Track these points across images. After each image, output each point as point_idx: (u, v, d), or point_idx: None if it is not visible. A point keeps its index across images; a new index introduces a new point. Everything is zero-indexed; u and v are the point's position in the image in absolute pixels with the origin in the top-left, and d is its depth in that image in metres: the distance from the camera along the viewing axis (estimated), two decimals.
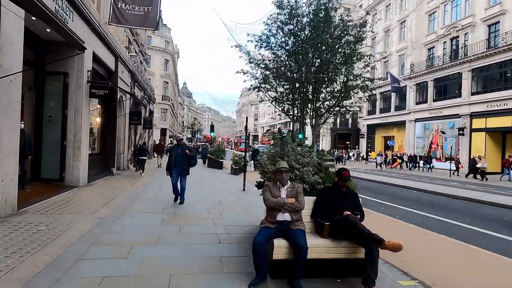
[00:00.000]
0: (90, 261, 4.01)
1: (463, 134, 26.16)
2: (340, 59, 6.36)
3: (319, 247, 3.62)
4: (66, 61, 9.71)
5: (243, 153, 25.86)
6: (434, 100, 30.55)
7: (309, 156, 4.31)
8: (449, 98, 28.71)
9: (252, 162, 21.81)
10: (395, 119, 35.89)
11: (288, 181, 3.85)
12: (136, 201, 8.26)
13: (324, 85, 6.61)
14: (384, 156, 30.02)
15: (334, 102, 6.83)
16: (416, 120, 32.51)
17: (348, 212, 3.66)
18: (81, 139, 9.87)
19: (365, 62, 6.77)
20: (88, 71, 10.28)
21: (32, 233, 4.95)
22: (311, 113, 6.33)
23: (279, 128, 38.74)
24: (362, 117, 43.27)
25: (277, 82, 7.26)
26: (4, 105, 5.81)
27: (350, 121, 49.52)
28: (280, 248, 3.56)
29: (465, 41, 27.43)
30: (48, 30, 8.74)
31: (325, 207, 3.80)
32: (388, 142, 34.80)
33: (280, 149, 4.32)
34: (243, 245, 4.92)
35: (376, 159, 29.57)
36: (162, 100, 49.65)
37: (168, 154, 8.64)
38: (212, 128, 25.65)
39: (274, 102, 7.55)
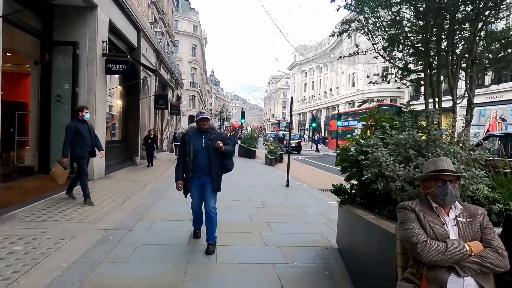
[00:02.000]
0: None
1: None
2: None
3: None
4: (76, 29, 8.08)
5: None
6: (492, 83, 26.88)
7: (475, 150, 2.25)
8: None
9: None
10: (442, 104, 32.35)
11: (457, 202, 1.83)
12: (158, 201, 6.52)
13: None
14: None
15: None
16: None
17: None
18: (95, 123, 8.23)
19: None
20: (103, 42, 8.58)
21: None
22: (468, 66, 4.05)
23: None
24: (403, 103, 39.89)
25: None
26: None
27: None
28: None
29: None
30: None
31: None
32: None
33: (411, 136, 2.26)
34: None
35: None
36: (190, 86, 48.39)
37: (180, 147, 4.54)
38: (243, 115, 23.77)
39: (390, 47, 5.32)
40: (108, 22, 8.94)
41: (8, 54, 9.19)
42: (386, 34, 5.08)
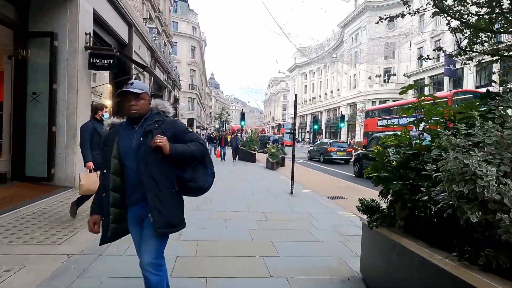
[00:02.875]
0: None
1: None
2: None
3: None
4: (55, 18, 7.22)
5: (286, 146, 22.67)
6: (502, 83, 26.03)
7: None
8: None
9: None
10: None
11: None
12: None
13: None
14: None
15: None
16: None
17: None
18: (76, 125, 7.36)
19: None
20: (86, 34, 7.71)
21: None
22: None
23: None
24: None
25: None
26: None
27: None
28: None
29: None
30: None
31: None
32: None
33: None
34: None
35: None
36: (189, 89, 47.61)
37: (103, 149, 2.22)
38: (242, 117, 22.86)
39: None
40: (92, 13, 8.07)
41: None
42: None
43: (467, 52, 4.53)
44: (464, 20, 4.16)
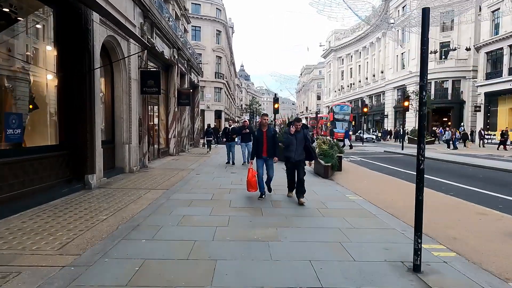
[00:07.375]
0: None
1: None
2: None
3: None
4: None
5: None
6: None
7: None
8: None
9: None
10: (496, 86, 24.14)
11: None
12: None
13: None
14: None
15: None
16: None
17: None
18: None
19: None
20: None
21: None
22: None
23: None
24: (476, 83, 31.65)
25: None
26: None
27: (450, 91, 38.14)
28: None
29: None
30: None
31: None
32: None
33: None
34: None
35: None
36: (216, 78, 43.16)
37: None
38: (276, 101, 17.84)
39: None
40: None
41: None
42: None
43: None
44: None
